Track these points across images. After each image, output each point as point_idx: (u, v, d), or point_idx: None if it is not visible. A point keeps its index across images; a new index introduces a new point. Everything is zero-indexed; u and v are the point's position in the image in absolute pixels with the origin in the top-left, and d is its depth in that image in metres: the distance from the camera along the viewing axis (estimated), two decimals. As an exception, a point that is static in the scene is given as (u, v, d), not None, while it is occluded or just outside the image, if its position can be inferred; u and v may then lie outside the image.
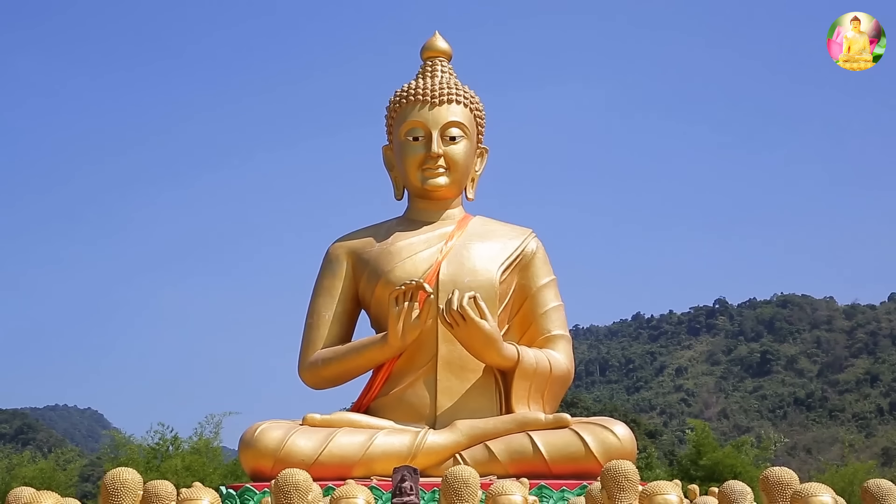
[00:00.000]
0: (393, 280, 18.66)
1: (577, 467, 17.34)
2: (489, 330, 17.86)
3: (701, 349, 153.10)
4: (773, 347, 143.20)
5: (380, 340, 18.73)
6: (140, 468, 11.35)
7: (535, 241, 20.17)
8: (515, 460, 17.54)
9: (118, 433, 40.76)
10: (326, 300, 19.77)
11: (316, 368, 19.45)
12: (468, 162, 20.13)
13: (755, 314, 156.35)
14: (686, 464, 40.35)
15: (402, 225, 20.13)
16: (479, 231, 20.03)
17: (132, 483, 8.38)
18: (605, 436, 17.78)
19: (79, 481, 46.92)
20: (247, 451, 17.81)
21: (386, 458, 17.37)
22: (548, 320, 19.66)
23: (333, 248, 20.18)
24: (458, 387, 18.81)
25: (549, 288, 19.92)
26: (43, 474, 36.44)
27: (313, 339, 19.61)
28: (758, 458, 42.31)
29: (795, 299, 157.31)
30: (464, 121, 19.88)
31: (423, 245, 19.47)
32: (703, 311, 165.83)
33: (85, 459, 52.43)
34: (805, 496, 7.07)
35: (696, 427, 43.64)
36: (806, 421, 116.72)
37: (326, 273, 19.99)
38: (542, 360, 18.82)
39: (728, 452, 39.68)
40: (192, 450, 37.61)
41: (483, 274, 19.13)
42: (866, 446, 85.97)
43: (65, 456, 46.80)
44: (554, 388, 19.19)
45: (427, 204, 20.15)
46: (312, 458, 16.91)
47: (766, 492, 8.19)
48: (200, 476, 31.51)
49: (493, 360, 18.46)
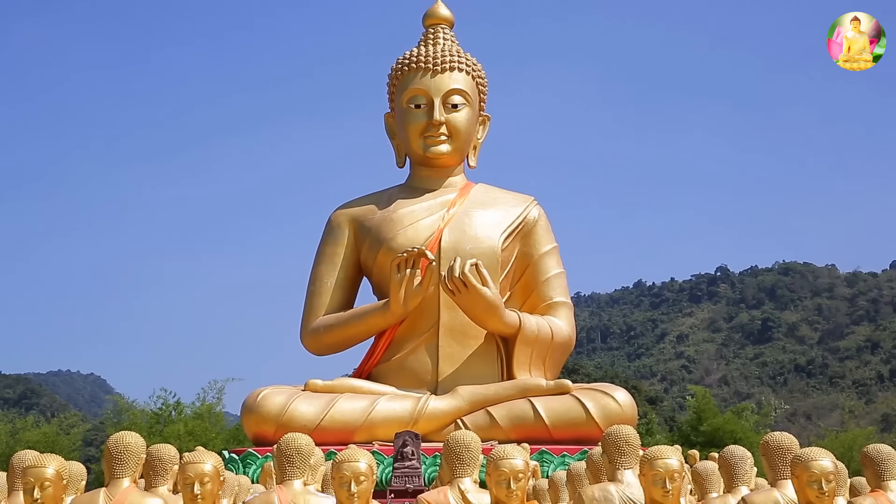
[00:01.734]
0: (395, 247, 18.68)
1: (578, 433, 17.45)
2: (491, 297, 17.90)
3: (702, 316, 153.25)
4: (774, 315, 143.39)
5: (382, 307, 18.79)
6: (143, 433, 11.41)
7: (537, 208, 20.17)
8: (517, 426, 17.65)
9: (121, 398, 40.95)
10: (328, 267, 19.82)
11: (318, 335, 19.52)
12: (470, 129, 20.09)
13: (757, 282, 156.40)
14: (686, 430, 40.56)
15: (403, 192, 20.13)
16: (481, 199, 20.03)
17: (135, 447, 8.44)
18: (606, 401, 17.88)
19: (82, 445, 47.16)
20: (249, 416, 17.92)
21: (388, 423, 17.48)
22: (549, 287, 19.70)
23: (335, 216, 20.18)
24: (459, 353, 18.89)
25: (551, 255, 19.95)
26: (46, 438, 36.64)
27: (315, 305, 19.67)
28: (758, 423, 42.50)
29: (797, 267, 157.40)
30: (466, 88, 19.83)
31: (424, 212, 19.48)
32: (705, 278, 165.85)
33: (88, 424, 52.67)
34: (805, 460, 7.09)
35: (696, 393, 43.82)
36: (806, 387, 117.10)
37: (328, 240, 20.02)
38: (543, 327, 18.88)
39: (728, 418, 39.88)
40: (194, 415, 37.80)
41: (485, 241, 19.16)
42: (866, 412, 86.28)
43: (68, 421, 47.00)
44: (555, 354, 19.26)
45: (429, 171, 20.13)
46: (314, 423, 17.02)
47: (766, 456, 8.23)
48: (203, 441, 31.66)
49: (494, 326, 18.51)
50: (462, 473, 8.00)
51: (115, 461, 8.25)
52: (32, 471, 6.96)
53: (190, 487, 6.91)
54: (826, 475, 6.97)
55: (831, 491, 7.01)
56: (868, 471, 8.40)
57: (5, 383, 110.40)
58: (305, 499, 7.99)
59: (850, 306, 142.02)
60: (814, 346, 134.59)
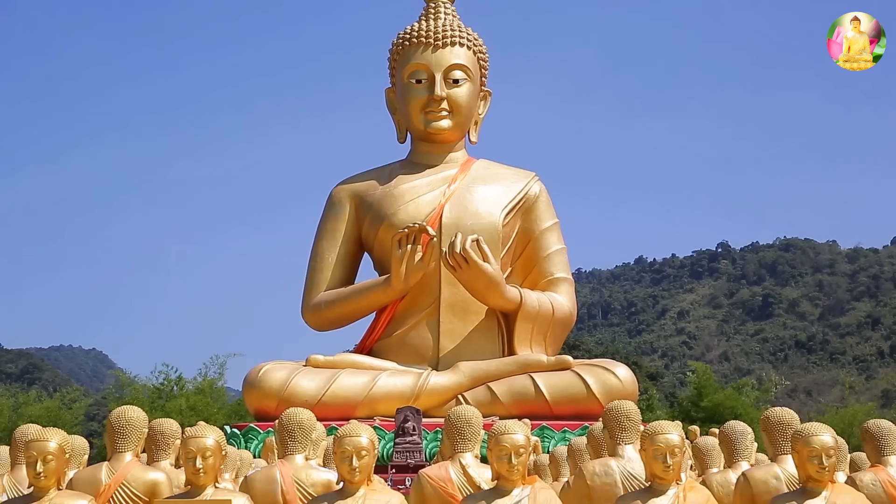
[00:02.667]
0: (396, 223, 18.66)
1: (579, 408, 17.49)
2: (492, 272, 17.89)
3: (703, 292, 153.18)
4: (775, 291, 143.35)
5: (383, 283, 18.79)
6: (145, 408, 11.47)
7: (538, 184, 20.14)
8: (518, 401, 17.68)
9: (123, 373, 40.89)
10: (329, 243, 19.81)
11: (319, 310, 19.53)
12: (471, 105, 20.03)
13: (758, 258, 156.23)
14: (687, 405, 40.59)
15: (405, 168, 20.09)
16: (483, 174, 19.99)
17: (137, 421, 8.46)
18: (607, 377, 17.91)
19: (84, 420, 47.20)
20: (251, 391, 17.96)
21: (389, 398, 17.52)
22: (550, 263, 19.69)
23: (336, 191, 20.15)
24: (460, 329, 18.91)
25: (552, 231, 19.93)
26: (49, 413, 36.73)
27: (317, 281, 19.67)
28: (758, 399, 42.51)
29: (798, 243, 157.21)
30: (467, 63, 19.74)
31: (426, 188, 19.45)
32: (706, 254, 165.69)
33: (90, 399, 52.68)
34: (806, 436, 7.09)
35: (697, 369, 43.79)
36: (807, 364, 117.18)
37: (329, 216, 19.99)
38: (544, 303, 18.88)
39: (729, 394, 39.88)
40: (196, 390, 37.83)
41: (486, 217, 19.13)
42: (866, 388, 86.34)
43: (70, 395, 47.08)
44: (556, 330, 19.27)
45: (430, 147, 20.08)
46: (316, 398, 17.06)
47: (766, 432, 8.25)
48: (205, 416, 31.72)
49: (495, 302, 18.52)
50: (463, 448, 8.01)
51: (117, 435, 8.27)
52: (35, 444, 6.96)
53: (192, 461, 6.91)
54: (826, 450, 6.97)
55: (832, 466, 7.02)
56: (868, 446, 8.40)
57: (7, 358, 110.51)
58: (307, 473, 8.01)
59: (850, 282, 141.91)
60: (814, 323, 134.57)
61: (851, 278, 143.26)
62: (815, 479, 7.01)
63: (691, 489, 7.10)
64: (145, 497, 7.85)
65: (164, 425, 9.07)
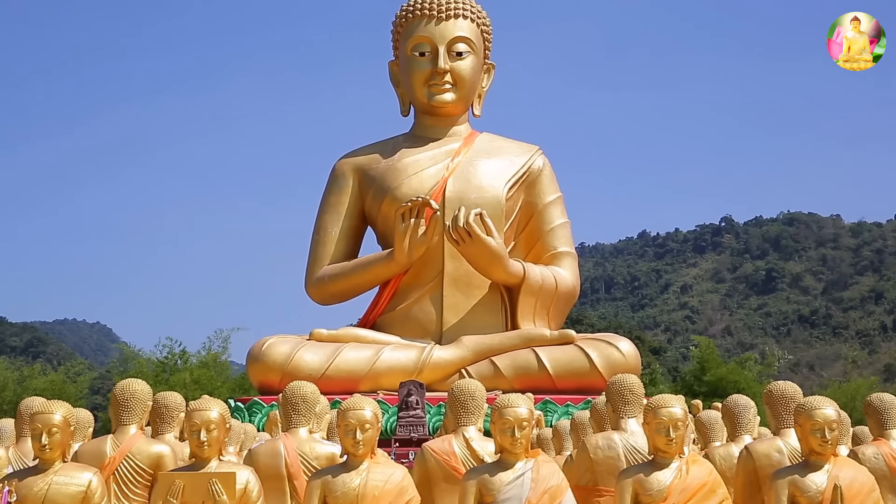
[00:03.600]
0: (399, 197, 18.63)
1: (582, 382, 17.50)
2: (495, 246, 17.87)
3: (706, 267, 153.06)
4: (778, 265, 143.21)
5: (386, 257, 18.78)
6: (149, 381, 11.51)
7: (541, 158, 20.08)
8: (521, 375, 17.70)
9: (127, 347, 40.96)
10: (333, 217, 19.78)
11: (322, 284, 19.54)
12: (475, 78, 19.94)
13: (761, 232, 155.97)
14: (690, 380, 40.63)
15: (408, 141, 20.03)
16: (486, 148, 19.93)
17: (142, 394, 8.49)
18: (610, 352, 17.92)
19: (89, 394, 47.24)
20: (255, 365, 17.99)
21: (392, 372, 17.54)
22: (554, 237, 19.67)
23: (339, 165, 20.11)
24: (464, 303, 18.91)
25: (556, 205, 19.89)
26: (53, 386, 36.82)
27: (320, 255, 19.66)
28: (761, 374, 42.51)
29: (802, 217, 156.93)
30: (471, 36, 19.64)
31: (429, 162, 19.40)
32: (709, 228, 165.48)
33: (95, 373, 52.67)
34: (809, 409, 7.11)
35: (700, 343, 43.81)
36: (810, 338, 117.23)
37: (333, 189, 19.96)
38: (547, 277, 18.87)
39: (732, 369, 39.91)
40: (200, 364, 37.90)
41: (489, 191, 19.09)
42: (869, 363, 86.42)
43: (75, 369, 47.15)
44: (559, 304, 19.27)
45: (433, 120, 20.02)
46: (319, 372, 17.07)
47: (769, 405, 8.26)
48: (209, 390, 31.80)
49: (498, 276, 18.51)
50: (467, 422, 8.04)
51: (121, 408, 8.30)
52: (40, 417, 6.99)
53: (196, 434, 6.94)
54: (829, 423, 7.00)
55: (834, 439, 7.04)
56: (871, 420, 8.43)
57: (12, 331, 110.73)
58: (311, 446, 8.04)
59: (854, 257, 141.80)
60: (818, 297, 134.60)
61: (855, 252, 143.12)
62: (818, 452, 7.04)
63: (694, 462, 7.13)
64: (150, 470, 7.89)
65: (168, 398, 9.11)
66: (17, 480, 6.88)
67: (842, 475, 6.90)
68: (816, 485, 6.91)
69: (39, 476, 6.91)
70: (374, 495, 6.87)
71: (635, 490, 7.01)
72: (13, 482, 6.85)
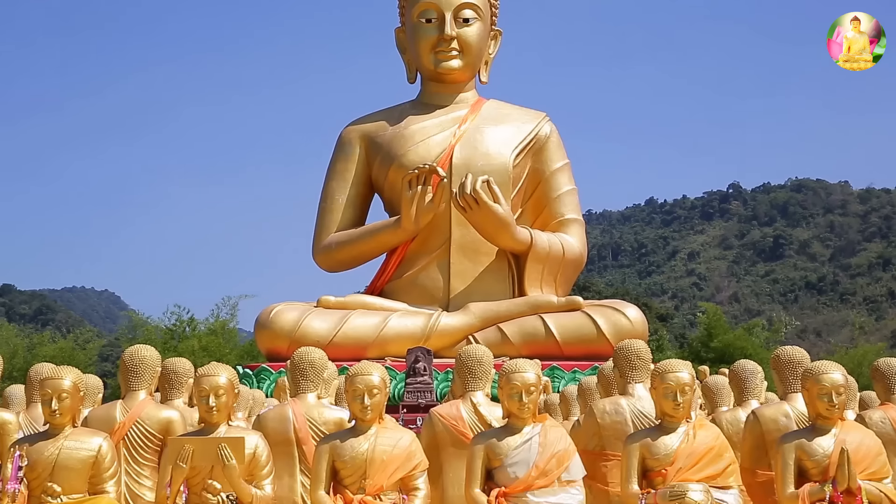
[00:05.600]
0: (406, 164, 18.61)
1: (589, 349, 17.54)
2: (502, 214, 17.87)
3: (714, 234, 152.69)
4: (786, 232, 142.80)
5: (393, 224, 18.79)
6: (157, 348, 11.53)
7: (549, 124, 20.02)
8: (528, 342, 17.74)
9: (135, 314, 41.06)
10: (340, 184, 19.77)
11: (330, 251, 19.56)
12: (482, 44, 19.83)
13: (769, 199, 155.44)
14: (697, 346, 40.63)
15: (415, 109, 19.97)
16: (493, 115, 19.87)
17: (151, 360, 8.52)
18: (617, 318, 17.95)
19: (98, 361, 47.44)
20: (263, 332, 18.06)
21: (400, 339, 17.61)
22: (561, 204, 19.64)
23: (346, 132, 20.07)
24: (471, 270, 18.92)
25: (563, 172, 19.85)
26: (63, 353, 36.87)
27: (327, 222, 19.67)
28: (768, 340, 42.53)
29: (810, 184, 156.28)
30: (477, 2, 19.50)
31: (436, 129, 19.36)
32: (717, 195, 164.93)
33: (103, 340, 52.76)
34: (816, 373, 7.11)
35: (707, 310, 43.79)
36: (817, 304, 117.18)
37: (339, 157, 19.93)
38: (554, 244, 18.87)
39: (739, 335, 39.89)
40: (208, 331, 38.01)
41: (496, 158, 19.05)
42: (876, 329, 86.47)
43: (83, 336, 47.19)
44: (566, 271, 19.28)
45: (440, 87, 19.95)
46: (327, 339, 17.12)
47: (777, 370, 8.27)
48: (217, 357, 31.87)
49: (506, 243, 18.51)
50: (474, 387, 8.06)
51: (130, 374, 8.34)
52: (50, 382, 7.02)
53: (205, 400, 6.97)
54: (836, 388, 7.00)
55: (841, 404, 7.05)
56: (878, 384, 8.44)
57: (21, 299, 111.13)
58: (319, 412, 8.08)
59: (862, 223, 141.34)
60: (825, 264, 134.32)
61: (863, 219, 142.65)
62: (825, 416, 7.06)
63: (701, 427, 7.16)
64: (159, 435, 7.94)
65: (176, 364, 9.14)
66: (27, 445, 6.93)
67: (849, 439, 6.92)
68: (823, 449, 6.93)
69: (50, 441, 6.96)
70: (382, 460, 6.91)
71: (642, 454, 7.04)
72: (24, 447, 6.90)
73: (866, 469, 6.84)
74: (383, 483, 6.89)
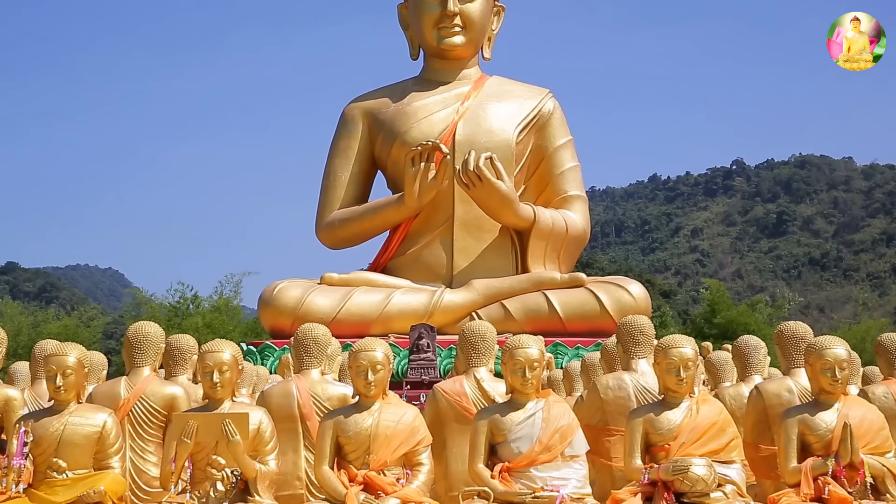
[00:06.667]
0: (409, 141, 18.57)
1: (592, 325, 17.55)
2: (505, 190, 17.84)
3: (717, 210, 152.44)
4: (789, 208, 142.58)
5: (396, 201, 18.77)
6: (161, 326, 11.52)
7: (552, 101, 19.95)
8: (531, 318, 17.74)
9: (139, 292, 41.08)
10: (342, 161, 19.73)
11: (333, 229, 19.55)
12: (484, 20, 19.75)
13: (772, 175, 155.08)
14: (700, 322, 40.62)
15: (418, 85, 19.91)
16: (496, 91, 19.81)
17: (154, 336, 8.56)
18: (620, 294, 17.94)
19: (102, 338, 47.42)
20: (266, 308, 18.08)
21: (403, 316, 17.61)
22: (564, 181, 19.60)
23: (349, 109, 20.02)
24: (474, 247, 18.92)
25: (566, 148, 19.80)
26: (67, 331, 36.88)
27: (330, 199, 19.65)
28: (772, 316, 42.44)
29: (814, 160, 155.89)
30: (480, -23, 19.41)
31: (439, 105, 19.30)
32: (720, 171, 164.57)
33: (108, 317, 52.81)
34: (819, 348, 7.11)
35: (710, 286, 43.68)
36: (820, 280, 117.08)
37: (342, 134, 19.89)
38: (558, 221, 18.85)
39: (742, 311, 39.86)
40: (212, 308, 38.06)
41: (499, 134, 19.01)
42: (879, 305, 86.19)
43: (88, 313, 47.22)
44: (570, 248, 19.27)
45: (443, 64, 19.88)
46: (331, 316, 17.12)
47: (780, 345, 8.28)
48: (221, 334, 31.87)
49: (509, 220, 18.50)
50: (477, 363, 8.08)
51: (134, 350, 8.37)
52: (54, 359, 7.05)
53: (209, 376, 7.00)
54: (840, 363, 7.01)
55: (844, 379, 7.06)
56: (881, 359, 8.45)
57: (25, 277, 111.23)
58: (323, 388, 8.11)
59: (866, 199, 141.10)
60: (829, 240, 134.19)
61: (867, 195, 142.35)
62: (828, 391, 7.07)
63: (704, 402, 7.18)
64: (164, 411, 7.98)
65: (180, 340, 9.18)
66: (33, 421, 6.97)
67: (851, 414, 6.93)
68: (826, 423, 6.95)
69: (55, 417, 7.00)
70: (385, 435, 6.94)
71: (645, 429, 7.06)
72: (29, 423, 6.93)
73: (869, 443, 6.86)
74: (387, 458, 6.92)
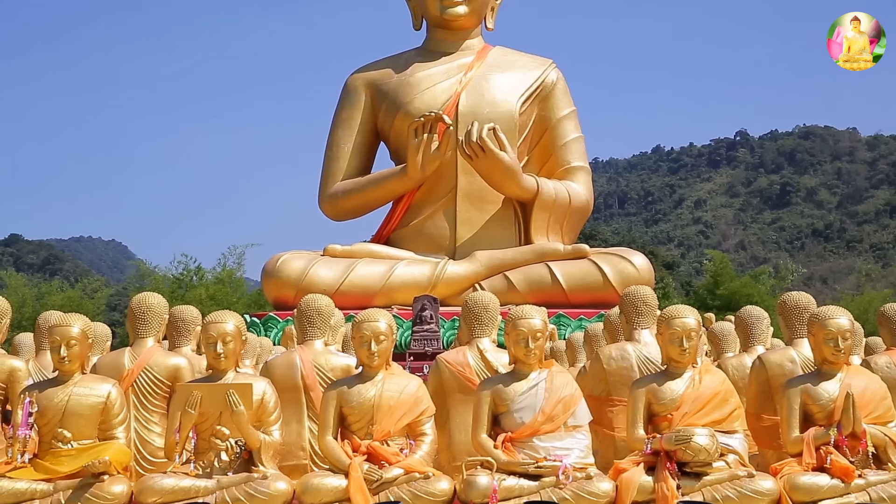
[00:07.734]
0: (412, 111, 18.52)
1: (595, 296, 17.57)
2: (508, 161, 17.81)
3: (720, 181, 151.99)
4: (793, 179, 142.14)
5: (399, 172, 18.74)
6: (165, 298, 11.51)
7: (555, 71, 19.87)
8: (534, 290, 17.75)
9: (143, 264, 41.14)
10: (345, 132, 19.69)
11: (336, 200, 19.53)
12: (487, -10, 19.65)
13: (776, 146, 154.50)
14: (703, 293, 40.61)
15: (420, 56, 19.83)
16: (499, 62, 19.73)
17: (158, 307, 8.57)
18: (623, 265, 17.95)
19: (106, 310, 47.55)
20: (269, 280, 18.11)
21: (406, 287, 17.63)
22: (567, 152, 19.56)
23: (352, 80, 19.95)
24: (477, 218, 18.90)
25: (570, 119, 19.74)
26: (71, 302, 36.94)
27: (333, 170, 19.63)
28: (774, 287, 42.44)
29: (818, 131, 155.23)
30: (483, -53, 19.29)
31: (442, 76, 19.24)
32: (724, 143, 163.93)
33: (111, 289, 52.90)
34: (822, 318, 7.11)
35: (714, 257, 43.67)
36: (823, 252, 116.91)
37: (345, 105, 19.83)
38: (561, 192, 18.83)
39: (745, 282, 39.86)
40: (215, 280, 38.10)
41: (503, 105, 18.95)
42: (882, 276, 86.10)
43: (91, 285, 47.29)
44: (573, 219, 19.26)
45: (446, 34, 19.79)
46: (334, 287, 17.14)
47: (783, 315, 8.27)
48: (224, 306, 31.91)
49: (512, 191, 18.47)
50: (480, 333, 8.09)
51: (138, 321, 8.38)
52: (58, 329, 7.07)
53: (213, 346, 7.01)
54: (843, 333, 7.01)
55: (847, 349, 7.06)
56: (884, 329, 8.43)
57: (29, 249, 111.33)
58: (326, 358, 8.13)
59: (870, 170, 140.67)
60: (832, 211, 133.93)
61: (871, 166, 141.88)
62: (831, 361, 7.07)
63: (707, 372, 7.18)
64: (168, 381, 8.00)
65: (184, 312, 9.19)
66: (37, 392, 6.99)
67: (854, 383, 6.94)
68: (829, 393, 6.96)
69: (59, 387, 7.02)
70: (389, 405, 6.95)
71: (648, 399, 7.07)
72: (34, 394, 6.95)
73: (871, 413, 6.87)
74: (390, 429, 6.94)
